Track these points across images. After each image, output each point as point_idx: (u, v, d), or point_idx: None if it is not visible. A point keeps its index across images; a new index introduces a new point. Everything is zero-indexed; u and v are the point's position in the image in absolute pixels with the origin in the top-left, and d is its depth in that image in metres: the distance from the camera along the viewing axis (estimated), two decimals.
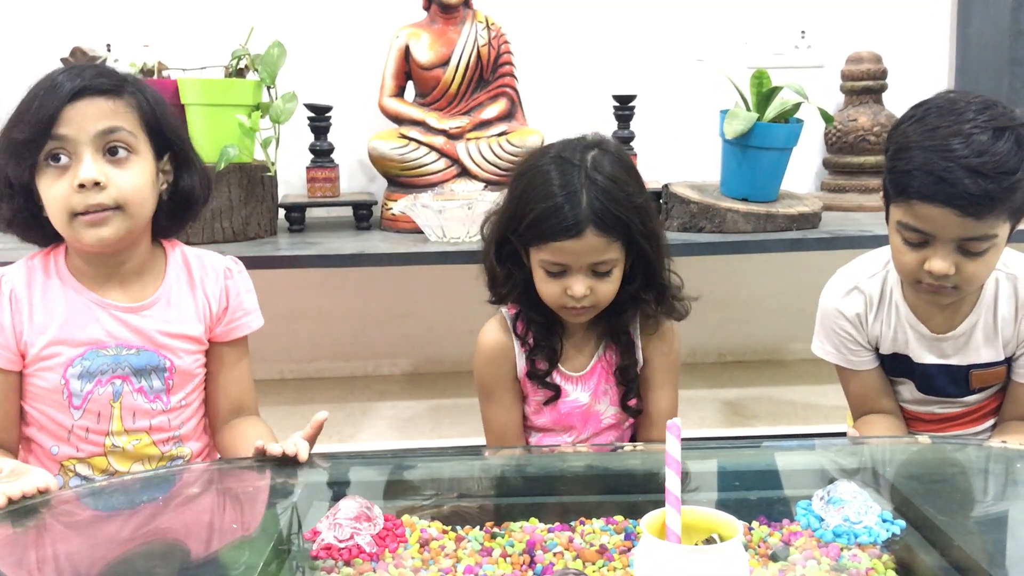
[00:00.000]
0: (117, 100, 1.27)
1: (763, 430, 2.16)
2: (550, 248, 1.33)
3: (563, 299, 1.35)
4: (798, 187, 2.41)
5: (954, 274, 1.28)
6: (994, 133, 1.22)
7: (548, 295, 1.37)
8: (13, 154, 1.25)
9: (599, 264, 1.33)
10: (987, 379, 1.46)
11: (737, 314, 2.63)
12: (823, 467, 1.26)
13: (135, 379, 1.33)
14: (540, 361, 1.43)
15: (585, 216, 1.30)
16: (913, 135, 1.28)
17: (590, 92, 2.43)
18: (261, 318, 1.45)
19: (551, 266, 1.35)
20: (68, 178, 1.24)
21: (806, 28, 2.54)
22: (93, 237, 1.25)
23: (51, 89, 1.24)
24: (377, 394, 2.43)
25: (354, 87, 2.38)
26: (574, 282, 1.33)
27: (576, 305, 1.35)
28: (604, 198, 1.31)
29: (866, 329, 1.46)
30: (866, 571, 0.94)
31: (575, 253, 1.32)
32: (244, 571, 0.98)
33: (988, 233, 1.26)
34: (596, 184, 1.32)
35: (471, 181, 2.17)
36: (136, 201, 1.27)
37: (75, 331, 1.31)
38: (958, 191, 1.21)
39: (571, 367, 1.45)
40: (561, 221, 1.31)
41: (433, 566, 0.97)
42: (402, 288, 2.53)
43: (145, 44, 2.31)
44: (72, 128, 1.23)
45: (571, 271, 1.34)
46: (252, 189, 2.01)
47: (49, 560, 1.03)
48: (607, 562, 0.97)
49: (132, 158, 1.27)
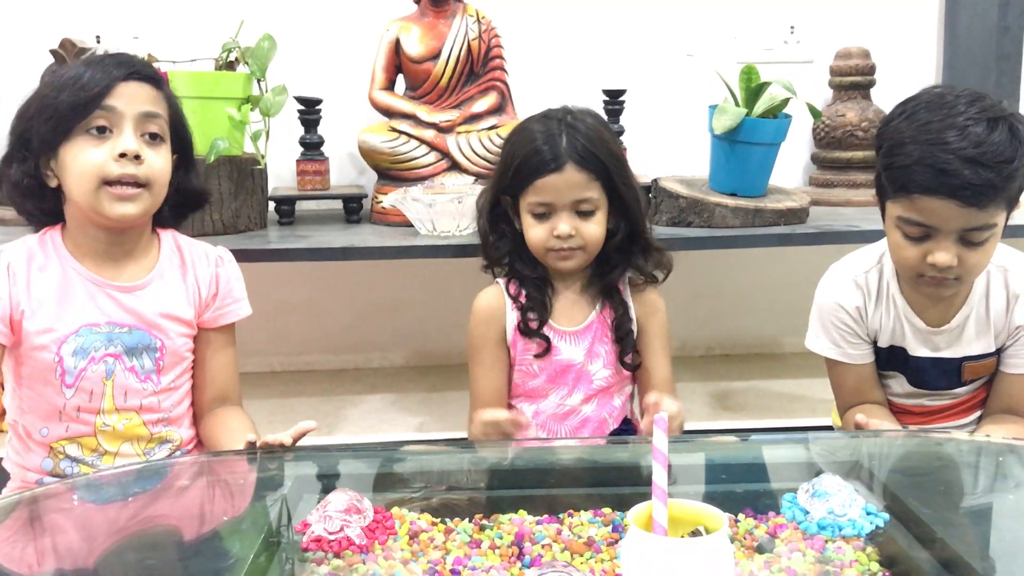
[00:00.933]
0: (159, 91, 1.37)
1: (750, 423, 2.17)
2: (535, 188, 1.45)
3: (550, 240, 1.45)
4: (786, 182, 2.42)
5: (956, 265, 1.30)
6: (988, 124, 1.25)
7: (536, 240, 1.47)
8: (52, 116, 1.30)
9: (581, 202, 1.44)
10: (979, 371, 1.48)
11: (725, 308, 2.64)
12: (809, 460, 1.27)
13: (127, 358, 1.36)
14: (532, 317, 1.50)
15: (565, 152, 1.43)
16: (907, 131, 1.30)
17: (580, 86, 2.43)
18: (249, 307, 1.49)
19: (537, 207, 1.46)
20: (107, 147, 1.30)
21: (795, 23, 2.54)
22: (118, 211, 1.31)
23: (104, 65, 1.32)
24: (367, 387, 2.43)
25: (344, 80, 2.38)
26: (559, 221, 1.44)
27: (563, 246, 1.45)
28: (582, 138, 1.44)
29: (866, 322, 1.48)
30: (850, 563, 0.95)
31: (557, 189, 1.43)
32: (234, 563, 0.98)
33: (989, 222, 1.28)
34: (574, 128, 1.45)
35: (461, 175, 2.17)
36: (161, 183, 1.36)
37: (70, 308, 1.34)
38: (960, 182, 1.23)
39: (565, 323, 1.51)
40: (543, 158, 1.43)
41: (422, 558, 0.98)
42: (392, 281, 2.54)
43: (135, 36, 2.30)
44: (122, 102, 1.31)
45: (556, 211, 1.45)
46: (242, 182, 2.01)
47: (40, 552, 1.03)
48: (594, 554, 0.98)
49: (163, 145, 1.36)
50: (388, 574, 0.93)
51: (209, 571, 0.99)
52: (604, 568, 0.94)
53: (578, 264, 1.49)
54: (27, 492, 1.14)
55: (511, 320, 1.51)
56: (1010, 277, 1.43)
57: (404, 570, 0.94)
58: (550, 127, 1.46)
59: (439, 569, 0.95)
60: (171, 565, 0.98)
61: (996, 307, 1.43)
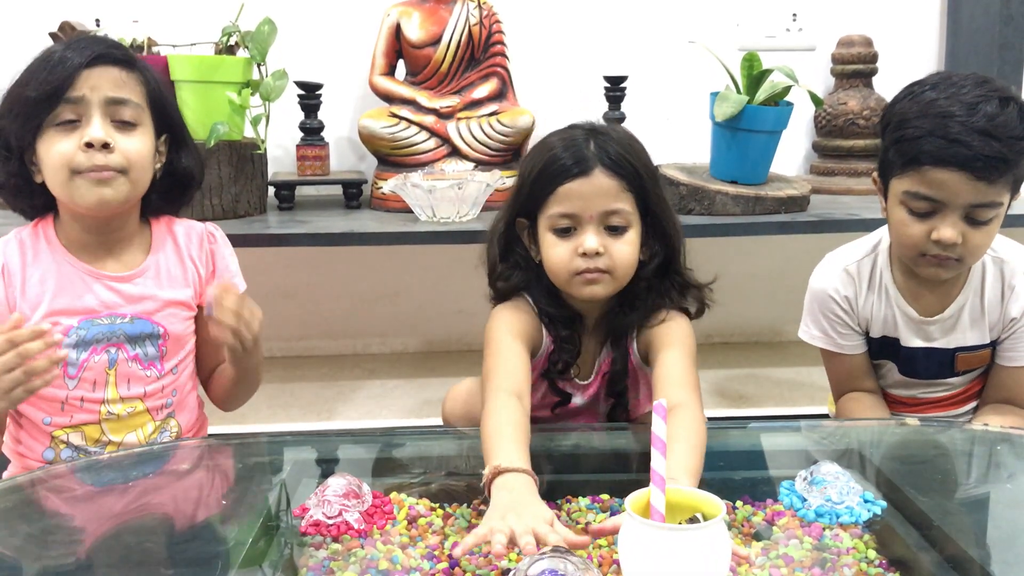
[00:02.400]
0: (129, 72, 1.31)
1: (750, 411, 2.17)
2: (557, 197, 1.23)
3: (574, 261, 1.23)
4: (787, 170, 2.41)
5: (960, 244, 1.30)
6: (999, 102, 1.26)
7: (558, 261, 1.24)
8: (20, 113, 1.27)
9: (612, 214, 1.23)
10: (972, 362, 1.47)
11: (725, 296, 2.61)
12: (807, 448, 1.27)
13: (130, 347, 1.35)
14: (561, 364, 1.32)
15: (592, 155, 1.23)
16: (914, 108, 1.30)
17: (581, 73, 2.43)
18: (243, 282, 1.48)
19: (560, 220, 1.24)
20: (75, 138, 1.26)
21: (797, 10, 2.54)
22: (94, 196, 1.27)
23: (66, 54, 1.27)
24: (366, 372, 2.44)
25: (345, 65, 2.37)
26: (585, 236, 1.22)
27: (589, 266, 1.22)
28: (611, 144, 1.24)
29: (856, 312, 1.47)
30: (847, 550, 0.95)
31: (583, 196, 1.22)
32: (233, 547, 0.99)
33: (995, 200, 1.28)
34: (603, 134, 1.26)
35: (461, 161, 2.16)
36: (139, 166, 1.31)
37: (69, 301, 1.32)
38: (973, 153, 1.23)
39: (578, 373, 1.36)
40: (566, 163, 1.23)
41: (421, 543, 0.98)
42: (392, 267, 2.53)
43: (134, 20, 2.29)
44: (86, 90, 1.26)
45: (582, 225, 1.23)
46: (242, 167, 2.01)
47: (39, 535, 1.03)
48: (592, 540, 0.98)
49: (138, 129, 1.31)
50: (386, 558, 0.94)
51: (208, 555, 0.99)
52: (602, 554, 0.94)
53: (605, 292, 1.26)
54: (26, 475, 1.15)
55: (546, 344, 1.31)
56: (1006, 268, 1.43)
57: (402, 555, 0.94)
58: (574, 135, 1.27)
59: (437, 554, 0.95)
60: (170, 549, 0.98)
61: (991, 298, 1.43)
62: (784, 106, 2.06)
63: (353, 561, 0.94)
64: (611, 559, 0.93)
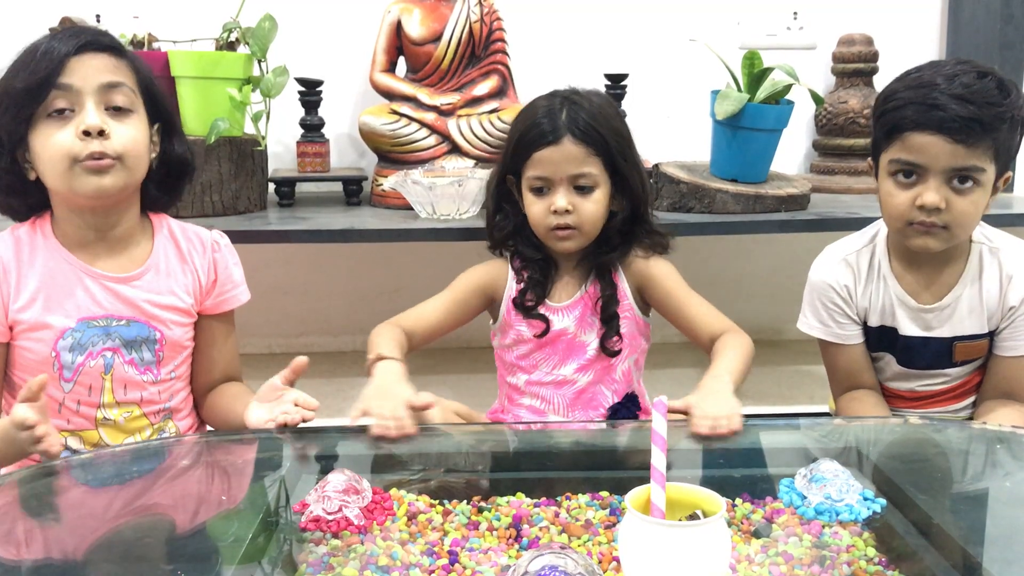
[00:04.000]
0: (119, 59, 1.29)
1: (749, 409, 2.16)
2: (532, 161, 1.44)
3: (548, 218, 1.44)
4: (788, 168, 2.41)
5: (945, 211, 1.35)
6: (978, 74, 1.34)
7: (535, 217, 1.46)
8: (10, 105, 1.24)
9: (579, 177, 1.43)
10: (970, 352, 1.48)
11: (725, 294, 2.61)
12: (806, 446, 1.27)
13: (126, 351, 1.33)
14: (529, 297, 1.50)
15: (562, 125, 1.42)
16: (898, 86, 1.40)
17: (582, 70, 2.42)
18: (248, 292, 1.46)
19: (535, 182, 1.45)
20: (71, 127, 1.24)
21: (798, 9, 2.53)
22: (93, 185, 1.25)
23: (52, 44, 1.25)
24: (366, 369, 2.43)
25: (345, 62, 2.37)
26: (556, 196, 1.43)
27: (560, 222, 1.43)
28: (582, 113, 1.43)
29: (855, 301, 1.49)
30: (847, 548, 0.95)
31: (553, 162, 1.42)
32: (233, 543, 0.99)
33: (976, 164, 1.33)
34: (575, 103, 1.44)
35: (462, 158, 2.16)
36: (135, 154, 1.29)
37: (64, 302, 1.30)
38: (949, 115, 1.31)
39: (557, 298, 1.52)
40: (541, 131, 1.43)
41: (420, 539, 0.98)
42: (392, 264, 2.53)
43: (135, 15, 2.29)
44: (77, 78, 1.24)
45: (554, 186, 1.44)
46: (242, 163, 2.01)
47: (38, 532, 1.03)
48: (592, 536, 0.98)
49: (132, 115, 1.29)
50: (386, 555, 0.94)
51: (207, 551, 0.99)
52: (601, 551, 0.94)
53: (577, 245, 1.48)
54: (25, 471, 1.14)
55: (511, 287, 1.52)
56: (1003, 257, 1.45)
57: (402, 551, 0.94)
58: (552, 103, 1.46)
59: (437, 550, 0.95)
60: (169, 545, 0.98)
61: (989, 287, 1.45)
62: (785, 104, 2.06)
63: (353, 557, 0.94)
64: (611, 556, 0.93)
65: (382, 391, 1.30)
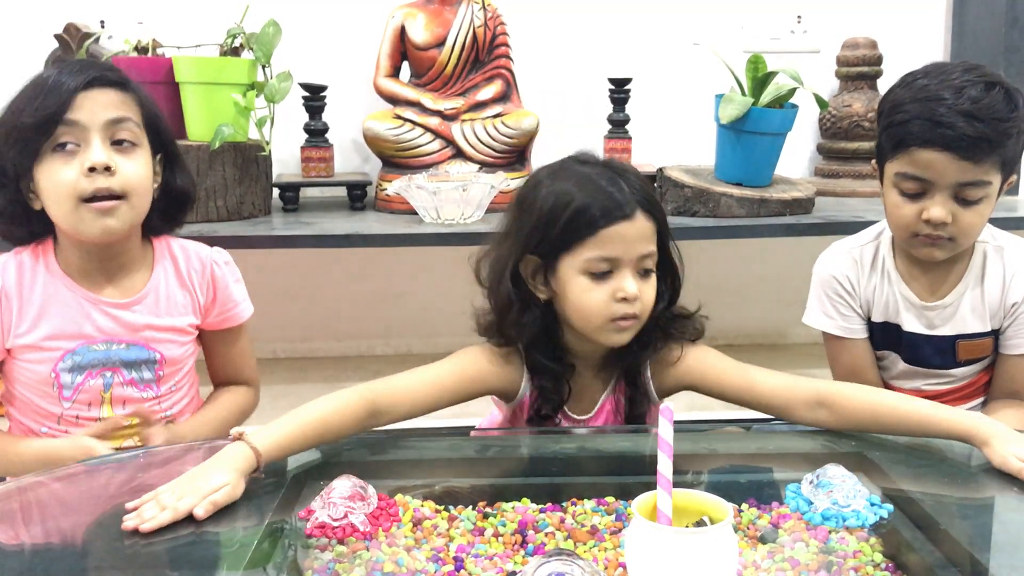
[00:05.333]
0: (125, 93, 1.29)
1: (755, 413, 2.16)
2: (598, 240, 1.18)
3: (611, 307, 1.19)
4: (792, 172, 2.41)
5: (951, 224, 1.34)
6: (985, 86, 1.31)
7: (594, 306, 1.20)
8: (18, 139, 1.24)
9: (646, 258, 1.21)
10: (973, 351, 1.48)
11: (729, 298, 2.64)
12: (813, 451, 1.27)
13: (125, 371, 1.34)
14: (544, 409, 1.30)
15: (632, 198, 1.19)
16: (905, 95, 1.36)
17: (586, 75, 2.43)
18: (251, 306, 1.47)
19: (599, 264, 1.19)
20: (77, 163, 1.24)
21: (802, 13, 2.54)
22: (100, 227, 1.26)
23: (60, 78, 1.24)
24: (370, 374, 2.42)
25: (349, 67, 2.38)
26: (626, 282, 1.19)
27: (629, 312, 1.20)
28: (637, 183, 1.22)
29: (859, 293, 1.50)
30: (853, 554, 0.95)
31: (625, 240, 1.18)
32: (238, 549, 0.98)
33: (983, 179, 1.32)
34: (624, 173, 1.22)
35: (465, 163, 2.17)
36: (140, 191, 1.29)
37: (66, 328, 1.31)
38: (956, 134, 1.29)
39: (576, 409, 1.33)
40: (610, 204, 1.18)
41: (426, 545, 0.98)
42: (396, 269, 2.54)
43: (139, 21, 2.30)
44: (83, 114, 1.24)
45: (619, 269, 1.19)
46: (247, 168, 2.01)
47: (40, 537, 1.03)
48: (598, 543, 0.98)
49: (137, 150, 1.29)
50: (392, 561, 0.93)
51: (212, 557, 0.99)
52: (607, 557, 0.94)
53: (631, 337, 1.24)
54: (29, 476, 1.14)
55: (525, 393, 1.30)
56: (1006, 256, 1.46)
57: (407, 557, 0.94)
58: (596, 171, 1.22)
59: (442, 556, 0.95)
60: (174, 550, 0.98)
61: (992, 286, 1.45)
62: (789, 108, 2.06)
63: (358, 563, 0.93)
64: (617, 562, 0.92)
65: (191, 477, 1.05)
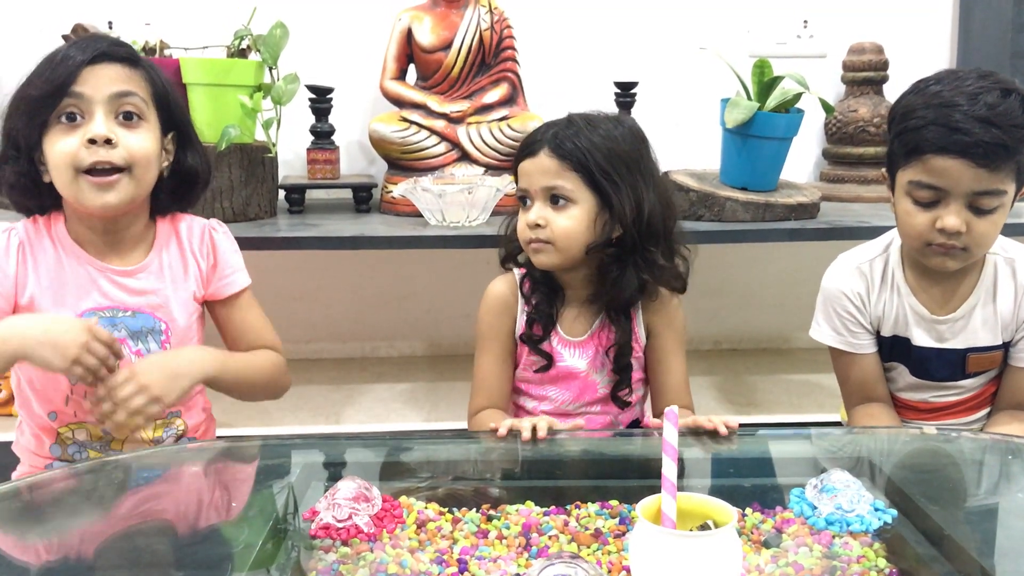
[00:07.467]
0: (133, 69, 1.31)
1: (758, 418, 2.17)
2: (518, 174, 1.43)
3: (525, 232, 1.40)
4: (797, 177, 2.41)
5: (965, 233, 1.32)
6: (1001, 92, 1.29)
7: (519, 230, 1.43)
8: (26, 111, 1.28)
9: (552, 189, 1.38)
10: (984, 363, 1.47)
11: (734, 302, 2.64)
12: (817, 456, 1.27)
13: (132, 342, 1.35)
14: (537, 326, 1.45)
15: (543, 138, 1.39)
16: (918, 101, 1.34)
17: (592, 78, 2.43)
18: (248, 276, 1.48)
19: (518, 192, 1.43)
20: (79, 134, 1.26)
21: (808, 17, 2.53)
22: (98, 200, 1.28)
23: (70, 52, 1.28)
24: (375, 376, 2.44)
25: (356, 69, 2.38)
26: (532, 210, 1.40)
27: (532, 236, 1.39)
28: (569, 129, 1.38)
29: (868, 310, 1.48)
30: (857, 559, 0.95)
31: (529, 174, 1.40)
32: (242, 550, 0.99)
33: (999, 188, 1.30)
34: (572, 123, 1.40)
35: (471, 165, 2.17)
36: (143, 163, 1.31)
37: (71, 294, 1.33)
38: (973, 140, 1.26)
39: (569, 331, 1.47)
40: (525, 143, 1.42)
41: (430, 547, 0.98)
42: (401, 271, 2.54)
43: (147, 22, 2.30)
44: (88, 87, 1.27)
45: (532, 199, 1.40)
46: (253, 170, 2.01)
47: (46, 536, 1.04)
48: (602, 546, 0.98)
49: (142, 124, 1.31)
50: (396, 562, 0.94)
51: (217, 558, 0.99)
52: (611, 560, 0.94)
53: (550, 261, 1.40)
54: (32, 477, 1.15)
55: (522, 317, 1.47)
56: (1018, 268, 1.44)
57: (411, 559, 0.94)
58: (553, 122, 1.42)
59: (446, 558, 0.95)
60: (179, 551, 0.98)
61: (1004, 299, 1.43)
62: (795, 113, 2.06)
63: (362, 565, 0.94)
64: (621, 565, 0.93)
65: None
